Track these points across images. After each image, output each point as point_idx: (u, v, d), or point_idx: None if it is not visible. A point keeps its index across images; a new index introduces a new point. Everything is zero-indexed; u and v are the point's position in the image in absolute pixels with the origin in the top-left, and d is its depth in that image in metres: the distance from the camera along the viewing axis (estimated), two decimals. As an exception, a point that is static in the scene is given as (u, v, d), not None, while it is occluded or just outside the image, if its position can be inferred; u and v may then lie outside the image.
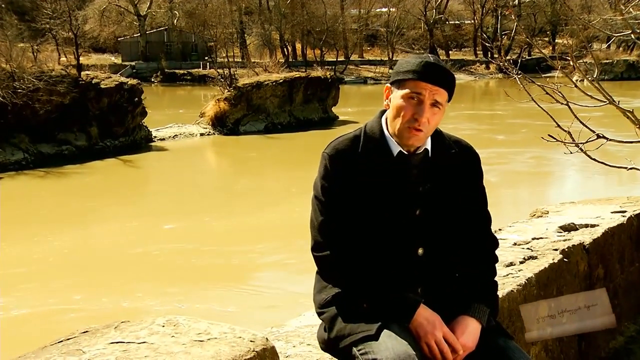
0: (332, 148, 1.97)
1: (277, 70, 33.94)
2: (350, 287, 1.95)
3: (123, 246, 13.11)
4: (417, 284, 1.97)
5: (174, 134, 28.25)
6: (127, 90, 25.93)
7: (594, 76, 4.81)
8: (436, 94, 1.90)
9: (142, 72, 52.99)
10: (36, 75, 23.12)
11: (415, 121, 1.89)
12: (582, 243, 3.36)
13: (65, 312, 9.84)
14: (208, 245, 13.07)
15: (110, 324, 1.74)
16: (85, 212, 16.19)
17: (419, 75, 1.90)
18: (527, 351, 2.73)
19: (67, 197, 17.96)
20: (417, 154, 1.97)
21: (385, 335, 1.83)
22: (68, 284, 11.07)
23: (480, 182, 2.09)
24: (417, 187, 1.96)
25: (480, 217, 2.09)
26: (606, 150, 4.70)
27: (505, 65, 4.74)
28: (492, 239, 2.13)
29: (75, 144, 24.04)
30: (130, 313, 9.35)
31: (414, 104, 1.91)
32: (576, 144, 4.32)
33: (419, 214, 1.96)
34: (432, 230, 1.97)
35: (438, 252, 1.99)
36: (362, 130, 2.01)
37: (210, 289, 11.10)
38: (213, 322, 1.77)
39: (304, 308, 2.62)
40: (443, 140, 2.04)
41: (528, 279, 2.80)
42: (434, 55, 2.02)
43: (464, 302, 1.97)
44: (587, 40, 8.40)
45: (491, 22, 64.21)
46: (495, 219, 2.17)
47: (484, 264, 2.07)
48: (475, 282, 2.02)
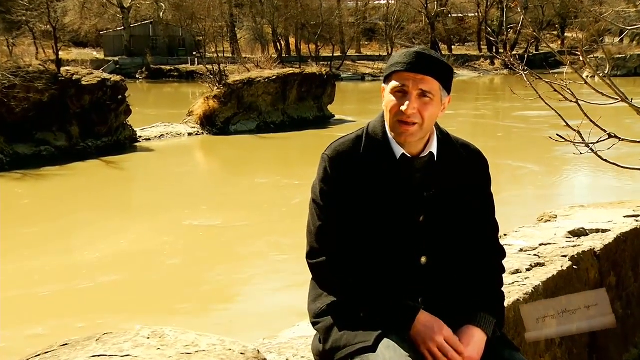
0: (332, 150, 1.98)
1: (269, 66, 33.91)
2: (347, 295, 1.96)
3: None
4: (419, 293, 1.97)
5: (161, 134, 28.20)
6: (110, 87, 25.86)
7: (605, 72, 4.83)
8: (422, 83, 1.91)
9: (126, 68, 52.91)
10: (12, 71, 23.02)
11: (403, 113, 1.90)
12: (592, 249, 3.37)
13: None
14: (195, 263, 12.88)
15: (92, 336, 1.73)
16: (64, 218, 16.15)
17: (402, 66, 1.92)
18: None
19: (47, 200, 17.93)
20: (422, 157, 1.98)
21: (384, 346, 1.83)
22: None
23: (488, 189, 2.11)
24: (421, 192, 1.97)
25: (487, 225, 2.11)
26: (618, 151, 4.72)
27: (511, 61, 4.76)
28: (499, 249, 2.15)
29: (55, 144, 23.96)
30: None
31: (400, 97, 1.92)
32: (586, 144, 4.33)
33: (423, 221, 1.97)
34: (436, 237, 1.98)
35: (442, 261, 2.00)
36: (364, 131, 2.02)
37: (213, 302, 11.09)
38: (201, 333, 1.77)
39: (297, 317, 2.62)
40: (450, 143, 2.04)
41: (535, 287, 2.81)
42: (426, 47, 2.03)
43: (470, 311, 1.97)
44: (598, 33, 8.41)
45: (496, 15, 64.40)
46: (501, 223, 2.18)
47: (491, 273, 2.08)
48: (481, 291, 2.03)
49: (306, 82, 31.91)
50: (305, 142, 25.94)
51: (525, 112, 29.89)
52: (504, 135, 27.83)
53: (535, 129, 26.53)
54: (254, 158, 24.54)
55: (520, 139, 26.57)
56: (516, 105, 32.53)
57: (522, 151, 23.75)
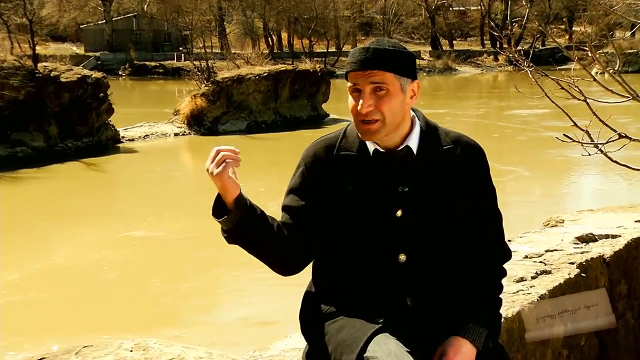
0: (308, 151, 2.08)
1: (260, 62, 33.93)
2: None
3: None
4: (404, 293, 1.98)
5: (145, 134, 28.16)
6: (91, 84, 25.81)
7: (615, 68, 4.85)
8: (371, 77, 1.94)
9: (108, 64, 52.91)
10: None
11: (360, 113, 1.95)
12: (602, 256, 3.37)
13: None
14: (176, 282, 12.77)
15: (71, 349, 1.73)
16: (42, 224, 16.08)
17: (352, 66, 1.97)
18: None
19: (18, 205, 17.83)
20: (397, 151, 2.00)
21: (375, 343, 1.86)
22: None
23: (483, 180, 2.08)
24: (395, 187, 1.98)
25: (484, 222, 2.07)
26: (630, 152, 4.73)
27: (516, 57, 4.77)
28: (500, 249, 2.11)
29: (32, 145, 23.89)
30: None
31: (356, 97, 1.98)
32: (595, 144, 4.34)
33: (401, 216, 1.97)
34: (416, 234, 1.98)
35: (424, 259, 1.99)
36: (343, 131, 2.10)
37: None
38: (188, 345, 1.77)
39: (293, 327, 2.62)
40: (436, 136, 2.05)
41: (541, 296, 2.81)
42: (380, 38, 2.06)
43: (459, 320, 1.97)
44: (608, 27, 8.43)
45: (500, 8, 64.62)
46: (505, 228, 2.15)
47: (486, 277, 2.06)
48: (473, 297, 2.01)
49: (299, 80, 31.93)
50: (298, 143, 25.80)
51: (529, 111, 29.98)
52: (506, 136, 27.88)
53: (539, 129, 26.61)
54: (243, 160, 24.44)
55: (524, 140, 26.60)
56: (517, 104, 32.65)
57: (525, 152, 23.80)
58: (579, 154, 4.65)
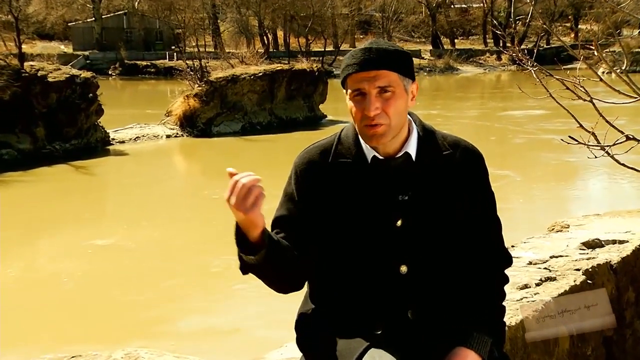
0: (301, 158, 2.04)
1: (255, 62, 33.95)
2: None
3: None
4: (405, 306, 1.98)
5: (136, 136, 28.15)
6: (80, 84, 25.78)
7: (623, 68, 4.85)
8: (377, 79, 1.92)
9: (97, 64, 52.82)
10: (-31, 67, 22.98)
11: (367, 117, 1.92)
12: (608, 262, 3.37)
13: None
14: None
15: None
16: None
17: (353, 68, 1.94)
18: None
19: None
20: (396, 158, 1.98)
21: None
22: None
23: (482, 185, 2.08)
24: (395, 196, 1.97)
25: (484, 228, 2.07)
26: (637, 154, 4.74)
27: (519, 56, 4.77)
28: (501, 256, 2.11)
29: (18, 147, 23.85)
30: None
31: (360, 101, 1.94)
32: (602, 146, 4.34)
33: (400, 226, 1.96)
34: (417, 244, 1.97)
35: (426, 270, 1.99)
36: (336, 137, 2.06)
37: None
38: (180, 355, 1.77)
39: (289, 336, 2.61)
40: (434, 141, 2.04)
41: (545, 303, 2.81)
42: (375, 39, 2.06)
43: (463, 330, 1.97)
44: (615, 25, 8.44)
45: (503, 5, 64.69)
46: (508, 233, 2.15)
47: (488, 284, 2.06)
48: (476, 306, 2.01)
49: (296, 79, 31.93)
50: (294, 145, 25.74)
51: (531, 112, 30.03)
52: (508, 137, 27.91)
53: (541, 132, 26.63)
54: (236, 163, 24.39)
55: (526, 142, 26.63)
56: (517, 104, 32.69)
57: (527, 155, 23.83)
58: (584, 157, 4.65)
